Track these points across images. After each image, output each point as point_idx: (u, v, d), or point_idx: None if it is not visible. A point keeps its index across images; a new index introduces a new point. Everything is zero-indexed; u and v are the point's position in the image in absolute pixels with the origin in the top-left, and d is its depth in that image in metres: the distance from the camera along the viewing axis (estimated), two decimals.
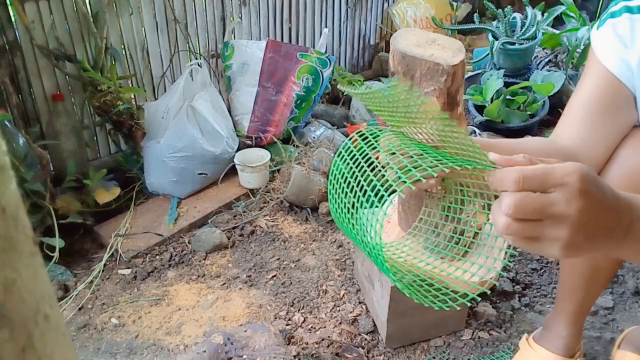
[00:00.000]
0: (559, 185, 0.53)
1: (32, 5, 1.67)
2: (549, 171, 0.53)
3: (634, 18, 0.85)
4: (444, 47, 1.12)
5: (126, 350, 1.33)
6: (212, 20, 2.17)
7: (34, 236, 0.25)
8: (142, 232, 1.71)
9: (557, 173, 0.53)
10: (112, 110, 1.82)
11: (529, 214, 0.53)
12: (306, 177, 1.80)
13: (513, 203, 0.53)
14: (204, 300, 1.48)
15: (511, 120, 2.23)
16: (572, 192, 0.52)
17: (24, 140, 1.52)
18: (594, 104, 0.90)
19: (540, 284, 1.51)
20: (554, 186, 0.53)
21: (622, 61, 0.87)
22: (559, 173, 0.53)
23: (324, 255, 1.64)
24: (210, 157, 1.88)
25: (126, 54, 1.97)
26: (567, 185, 0.52)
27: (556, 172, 0.53)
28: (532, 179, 0.53)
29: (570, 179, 0.52)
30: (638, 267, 1.54)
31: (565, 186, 0.52)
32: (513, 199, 0.53)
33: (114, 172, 1.94)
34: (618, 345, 1.24)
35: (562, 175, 0.53)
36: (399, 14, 2.84)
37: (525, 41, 2.33)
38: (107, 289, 1.53)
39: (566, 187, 0.52)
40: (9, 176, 0.23)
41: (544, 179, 0.53)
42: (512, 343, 1.32)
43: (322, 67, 2.14)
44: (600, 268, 1.04)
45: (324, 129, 2.18)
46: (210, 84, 1.96)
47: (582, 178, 0.53)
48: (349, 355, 1.27)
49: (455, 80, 1.11)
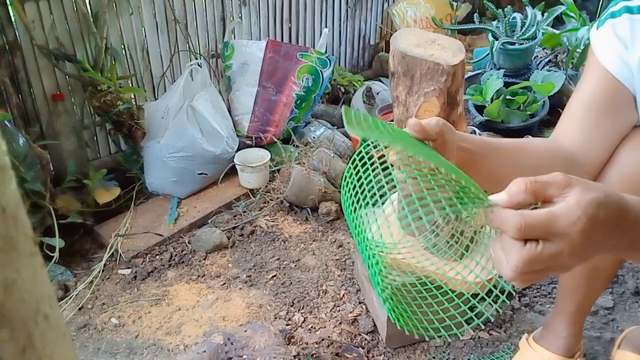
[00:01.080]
0: (561, 236, 0.52)
1: (32, 5, 1.67)
2: (552, 220, 0.52)
3: (633, 18, 0.85)
4: (444, 47, 1.12)
5: (126, 350, 1.33)
6: (212, 20, 2.17)
7: (34, 236, 0.25)
8: (142, 232, 1.71)
9: (560, 223, 0.52)
10: (112, 110, 1.82)
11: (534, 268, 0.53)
12: (306, 177, 1.80)
13: (520, 262, 0.52)
14: (204, 300, 1.48)
15: (511, 120, 2.23)
16: (575, 242, 0.52)
17: (24, 140, 1.52)
18: (594, 105, 0.90)
19: (540, 284, 1.51)
20: (557, 236, 0.52)
21: (622, 62, 0.87)
22: (563, 223, 0.52)
23: (324, 255, 1.64)
24: (210, 157, 1.88)
25: (126, 54, 1.97)
26: (569, 236, 0.52)
27: (560, 222, 0.52)
28: (534, 227, 0.52)
29: (573, 229, 0.52)
30: (638, 267, 1.54)
31: (567, 237, 0.52)
32: (520, 258, 0.52)
33: (114, 172, 1.94)
34: (618, 345, 1.24)
35: (564, 225, 0.52)
36: (399, 14, 2.85)
37: (525, 41, 2.33)
38: (107, 289, 1.53)
39: (568, 238, 0.52)
40: (9, 176, 0.23)
41: (547, 229, 0.52)
42: (512, 343, 1.32)
43: (322, 67, 2.14)
44: (600, 268, 1.04)
45: (324, 129, 2.18)
46: (210, 84, 1.96)
47: (585, 227, 0.52)
48: (349, 355, 1.27)
49: (455, 80, 1.11)
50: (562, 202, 0.53)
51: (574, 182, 0.54)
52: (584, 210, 0.52)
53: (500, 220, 0.54)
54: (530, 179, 0.55)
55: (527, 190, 0.55)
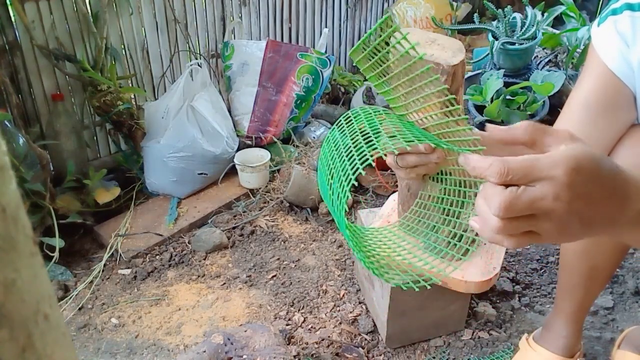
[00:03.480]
0: (545, 179, 0.51)
1: (32, 5, 1.67)
2: (535, 163, 0.51)
3: (635, 15, 0.85)
4: (444, 47, 1.12)
5: (126, 350, 1.33)
6: (212, 20, 2.17)
7: (34, 236, 0.25)
8: (142, 232, 1.71)
9: (542, 165, 0.51)
10: (112, 110, 1.82)
11: (518, 211, 0.52)
12: (306, 177, 1.80)
13: (502, 204, 0.51)
14: (204, 300, 1.48)
15: (511, 120, 2.22)
16: (558, 185, 0.50)
17: (24, 140, 1.52)
18: (594, 102, 0.89)
19: (540, 284, 1.51)
20: (539, 179, 0.51)
21: (623, 60, 0.86)
22: (545, 165, 0.51)
23: (324, 255, 1.64)
24: (210, 157, 1.88)
25: (126, 54, 1.97)
26: (553, 179, 0.50)
27: (542, 165, 0.51)
28: (515, 170, 0.51)
29: (556, 172, 0.50)
30: (638, 267, 1.54)
31: (551, 180, 0.50)
32: (501, 199, 0.51)
33: (114, 172, 1.94)
34: (618, 345, 1.24)
35: (548, 167, 0.50)
36: (399, 14, 2.84)
37: (525, 41, 2.33)
38: (107, 289, 1.53)
39: (552, 181, 0.50)
40: (9, 176, 0.23)
41: (529, 171, 0.51)
42: (512, 343, 1.32)
43: (322, 67, 2.14)
44: (599, 267, 1.04)
45: (324, 129, 2.18)
46: (210, 84, 1.96)
47: (569, 170, 0.50)
48: (349, 355, 1.27)
49: (455, 80, 1.11)
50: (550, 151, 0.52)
51: (576, 139, 0.53)
52: (570, 156, 0.51)
53: (482, 167, 0.53)
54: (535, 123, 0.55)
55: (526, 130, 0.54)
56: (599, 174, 0.52)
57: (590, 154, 0.52)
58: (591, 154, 0.52)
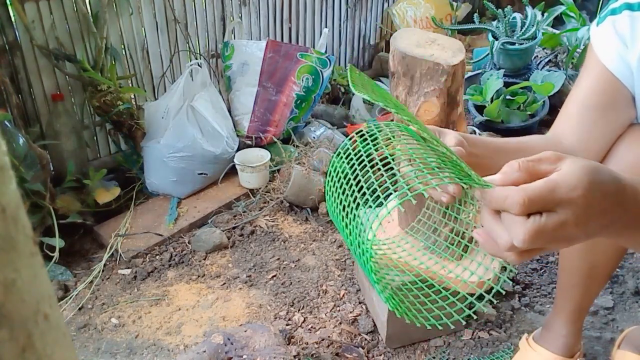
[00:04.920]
0: (565, 203, 0.51)
1: (32, 5, 1.67)
2: (553, 188, 0.51)
3: (634, 16, 0.85)
4: (444, 47, 1.12)
5: (126, 350, 1.33)
6: (212, 20, 2.17)
7: (34, 236, 0.25)
8: (142, 232, 1.71)
9: (562, 190, 0.51)
10: (112, 110, 1.82)
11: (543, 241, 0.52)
12: (306, 177, 1.80)
13: (527, 236, 0.50)
14: (204, 300, 1.48)
15: (511, 120, 2.23)
16: (579, 208, 0.50)
17: (24, 140, 1.52)
18: (592, 102, 0.89)
19: (540, 284, 1.51)
20: (560, 204, 0.51)
21: (622, 60, 0.86)
22: (564, 189, 0.51)
23: (324, 255, 1.64)
24: (210, 157, 1.88)
25: (126, 54, 1.97)
26: (572, 203, 0.50)
27: (561, 189, 0.51)
28: (536, 200, 0.51)
29: (575, 193, 0.50)
30: (638, 267, 1.54)
31: (570, 204, 0.50)
32: (526, 231, 0.50)
33: (114, 172, 1.94)
34: (618, 345, 1.23)
35: (567, 191, 0.51)
36: (399, 14, 2.84)
37: (525, 41, 2.33)
38: (107, 289, 1.53)
39: (572, 205, 0.50)
40: (9, 176, 0.23)
41: (549, 198, 0.51)
42: (512, 343, 1.32)
43: (322, 67, 2.14)
44: (598, 266, 1.04)
45: (324, 129, 2.18)
46: (210, 84, 1.96)
47: (586, 191, 0.51)
48: (349, 355, 1.27)
49: (455, 80, 1.11)
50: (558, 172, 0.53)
51: (564, 155, 0.54)
52: (582, 173, 0.51)
53: (500, 198, 0.53)
54: (522, 159, 0.55)
55: (520, 168, 0.54)
56: (606, 186, 0.53)
57: (593, 166, 0.53)
58: (594, 166, 0.53)
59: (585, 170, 0.52)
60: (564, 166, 0.53)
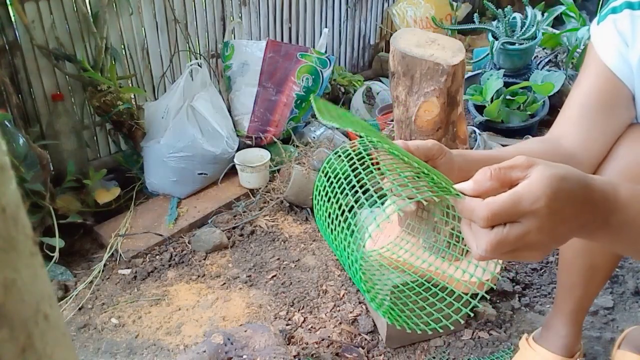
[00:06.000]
0: (528, 214, 0.53)
1: (32, 5, 1.67)
2: (517, 201, 0.53)
3: (635, 14, 0.85)
4: (444, 47, 1.12)
5: (126, 350, 1.33)
6: (212, 20, 2.17)
7: (34, 236, 0.25)
8: (142, 232, 1.71)
9: (525, 202, 0.53)
10: (112, 110, 1.82)
11: (505, 250, 0.54)
12: (306, 177, 1.80)
13: (489, 246, 0.54)
14: (204, 300, 1.48)
15: (511, 120, 2.23)
16: (543, 217, 0.53)
17: (24, 140, 1.52)
18: (592, 102, 0.89)
19: (540, 284, 1.51)
20: (524, 215, 0.53)
21: (622, 59, 0.86)
22: (527, 202, 0.53)
23: (324, 255, 1.64)
24: (210, 157, 1.88)
25: (126, 54, 1.97)
26: (535, 214, 0.53)
27: (524, 202, 0.53)
28: (500, 214, 0.53)
29: (537, 205, 0.53)
30: (638, 267, 1.54)
31: (534, 214, 0.53)
32: (488, 241, 0.54)
33: (114, 172, 1.94)
34: (618, 345, 1.24)
35: (530, 203, 0.53)
36: (399, 14, 2.85)
37: (525, 41, 2.33)
38: (107, 289, 1.53)
39: (535, 215, 0.53)
40: (9, 176, 0.23)
41: (512, 212, 0.53)
42: (512, 343, 1.32)
43: (322, 67, 2.14)
44: (598, 266, 1.04)
45: (324, 129, 2.18)
46: (210, 84, 1.96)
47: (549, 200, 0.53)
48: (349, 355, 1.27)
49: (455, 80, 1.11)
50: (525, 181, 0.54)
51: (535, 161, 0.56)
52: (547, 184, 0.53)
53: (469, 210, 0.56)
54: (494, 166, 0.57)
55: (492, 177, 0.56)
56: (572, 193, 0.55)
57: (560, 174, 0.54)
58: (561, 174, 0.54)
59: (551, 179, 0.53)
60: (532, 174, 0.55)
